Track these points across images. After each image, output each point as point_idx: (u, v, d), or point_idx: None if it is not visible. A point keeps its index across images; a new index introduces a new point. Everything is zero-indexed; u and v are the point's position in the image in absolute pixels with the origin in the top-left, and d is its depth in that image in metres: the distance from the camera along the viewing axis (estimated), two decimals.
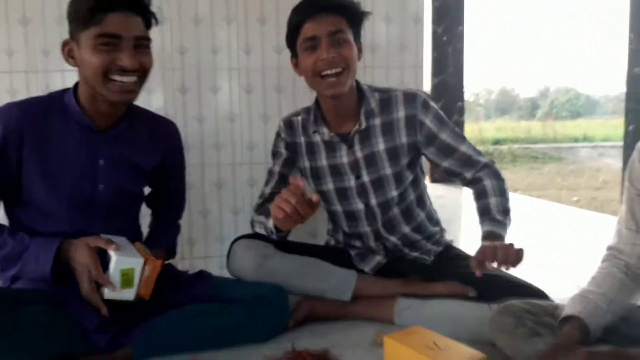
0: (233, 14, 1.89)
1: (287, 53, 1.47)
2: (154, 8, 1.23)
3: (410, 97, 1.45)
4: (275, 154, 1.57)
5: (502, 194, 1.42)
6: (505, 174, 1.50)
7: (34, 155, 1.21)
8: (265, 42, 1.91)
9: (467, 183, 1.49)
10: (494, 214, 1.37)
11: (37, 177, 1.22)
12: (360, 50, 1.43)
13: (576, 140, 12.15)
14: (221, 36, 1.89)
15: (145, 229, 1.51)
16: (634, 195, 1.08)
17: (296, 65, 1.45)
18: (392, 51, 1.96)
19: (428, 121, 1.44)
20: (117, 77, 1.17)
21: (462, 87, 4.87)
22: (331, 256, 1.55)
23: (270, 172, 1.56)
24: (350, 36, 1.38)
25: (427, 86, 4.85)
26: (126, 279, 1.21)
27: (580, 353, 0.90)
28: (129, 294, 1.22)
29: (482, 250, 1.20)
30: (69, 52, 1.21)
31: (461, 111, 4.84)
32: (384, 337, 1.22)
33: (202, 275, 1.43)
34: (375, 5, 1.93)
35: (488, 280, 1.38)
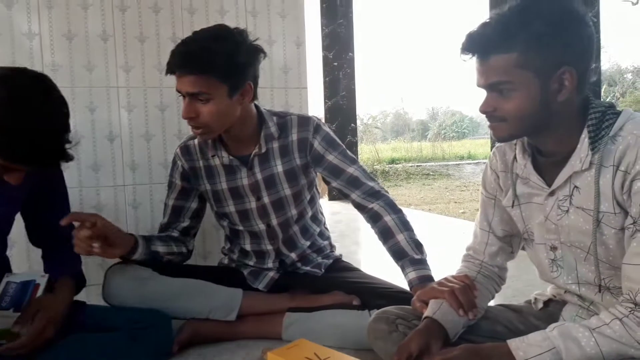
0: (110, 31, 1.82)
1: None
2: None
3: (304, 121, 1.49)
4: (170, 185, 1.57)
5: (407, 226, 1.41)
6: (401, 190, 1.57)
7: None
8: (146, 60, 1.87)
9: (357, 206, 1.49)
10: (411, 255, 1.37)
11: None
12: (245, 92, 1.35)
13: (462, 158, 13.19)
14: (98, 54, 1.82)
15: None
16: (486, 199, 1.20)
17: None
18: (276, 73, 2.01)
19: (316, 143, 1.48)
20: None
21: (354, 110, 5.06)
22: (222, 277, 1.53)
23: (165, 205, 1.57)
24: (216, 93, 1.29)
25: (320, 109, 5.00)
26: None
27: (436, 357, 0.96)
28: None
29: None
30: None
31: (354, 132, 5.03)
32: (267, 353, 1.22)
33: (75, 304, 1.34)
34: (257, 28, 1.97)
35: (369, 288, 1.45)
